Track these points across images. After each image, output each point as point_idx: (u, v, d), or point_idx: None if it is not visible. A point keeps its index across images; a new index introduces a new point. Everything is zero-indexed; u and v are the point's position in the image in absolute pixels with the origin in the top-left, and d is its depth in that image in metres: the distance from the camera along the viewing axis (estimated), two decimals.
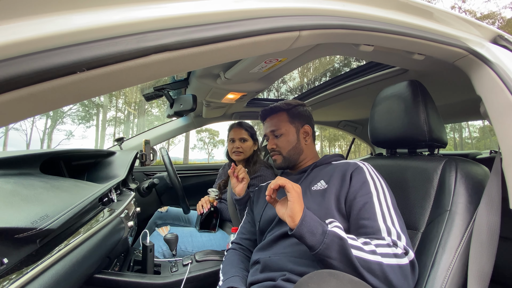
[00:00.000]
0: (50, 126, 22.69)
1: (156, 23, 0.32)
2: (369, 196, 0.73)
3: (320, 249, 0.60)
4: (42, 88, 0.26)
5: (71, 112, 22.77)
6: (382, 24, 0.62)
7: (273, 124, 0.98)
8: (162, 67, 0.34)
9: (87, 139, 24.56)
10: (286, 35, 0.46)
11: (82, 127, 24.18)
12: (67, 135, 23.37)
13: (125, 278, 0.93)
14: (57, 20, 0.27)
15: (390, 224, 0.68)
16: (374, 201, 0.72)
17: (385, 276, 0.59)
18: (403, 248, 0.63)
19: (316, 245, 0.60)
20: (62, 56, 0.26)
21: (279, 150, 0.97)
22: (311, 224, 0.62)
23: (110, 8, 0.30)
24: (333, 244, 0.60)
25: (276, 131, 0.97)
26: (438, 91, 1.26)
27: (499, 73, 0.70)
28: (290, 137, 0.96)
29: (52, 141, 22.68)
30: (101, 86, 0.30)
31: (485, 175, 0.79)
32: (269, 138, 1.00)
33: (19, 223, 0.45)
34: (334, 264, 0.60)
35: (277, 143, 0.97)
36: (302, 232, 0.61)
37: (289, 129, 0.97)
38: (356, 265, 0.58)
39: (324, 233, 0.61)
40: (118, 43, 0.29)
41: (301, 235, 0.62)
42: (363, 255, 0.60)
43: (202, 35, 0.35)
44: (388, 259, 0.61)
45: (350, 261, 0.59)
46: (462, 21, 0.76)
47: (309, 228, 0.62)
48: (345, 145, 26.58)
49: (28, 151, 0.85)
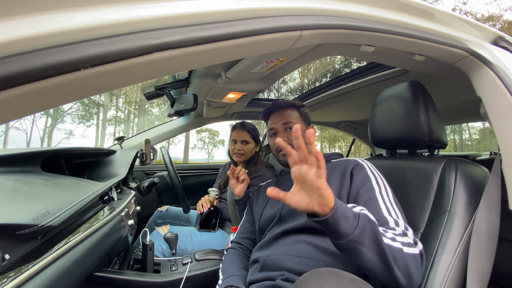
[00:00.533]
0: (50, 125, 22.72)
1: (159, 21, 0.33)
2: (372, 191, 0.72)
3: (354, 234, 0.52)
4: (46, 85, 0.27)
5: (71, 111, 22.80)
6: (383, 24, 0.62)
7: (286, 116, 0.95)
8: (164, 65, 0.34)
9: (87, 138, 24.60)
10: (288, 34, 0.47)
11: (82, 126, 24.21)
12: (67, 134, 23.40)
13: (125, 277, 0.93)
14: (61, 17, 0.27)
15: (395, 216, 0.67)
16: (377, 196, 0.71)
17: (406, 264, 0.55)
18: (413, 239, 0.61)
19: (350, 230, 0.52)
20: (66, 53, 0.27)
21: (291, 144, 0.93)
22: (343, 207, 0.54)
23: (113, 6, 0.30)
24: (366, 227, 0.53)
25: (289, 124, 0.94)
26: (438, 92, 1.26)
27: (499, 75, 0.71)
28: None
29: (52, 140, 22.70)
30: (104, 83, 0.31)
31: (485, 176, 0.79)
32: (279, 131, 0.95)
33: (21, 219, 0.45)
34: (364, 253, 0.53)
35: (289, 136, 0.92)
36: (337, 216, 0.52)
37: (301, 124, 0.95)
38: (386, 252, 0.53)
39: (357, 216, 0.54)
40: (121, 41, 0.29)
41: (335, 220, 0.52)
42: (388, 242, 0.55)
43: (204, 34, 0.36)
44: (405, 247, 0.58)
45: (381, 248, 0.53)
46: (463, 22, 0.76)
47: (343, 212, 0.53)
48: (345, 146, 26.58)
49: (30, 148, 0.85)
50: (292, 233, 0.79)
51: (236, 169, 1.11)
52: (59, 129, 23.40)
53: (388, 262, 0.53)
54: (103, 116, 24.36)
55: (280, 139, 0.57)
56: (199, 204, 1.41)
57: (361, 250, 0.53)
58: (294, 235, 0.79)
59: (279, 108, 0.98)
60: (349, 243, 0.53)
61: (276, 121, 0.97)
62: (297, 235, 0.78)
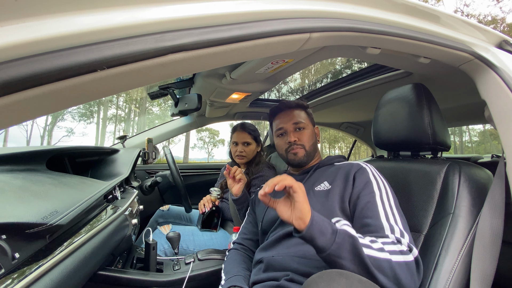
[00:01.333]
0: (51, 123, 22.71)
1: (174, 23, 0.33)
2: (372, 195, 0.74)
3: (332, 249, 0.56)
4: (64, 86, 0.27)
5: (72, 109, 22.77)
6: (390, 27, 0.63)
7: (295, 117, 0.95)
8: (178, 67, 0.34)
9: (87, 136, 24.60)
10: (297, 36, 0.47)
11: (82, 124, 24.24)
12: (67, 132, 23.40)
13: (128, 275, 0.94)
14: (79, 18, 0.27)
15: (393, 222, 0.68)
16: (377, 200, 0.72)
17: (394, 273, 0.58)
18: (407, 246, 0.63)
19: (327, 245, 0.57)
20: (84, 55, 0.27)
21: (302, 144, 0.92)
22: (320, 224, 0.58)
23: (129, 8, 0.30)
24: (344, 243, 0.57)
25: (300, 124, 0.94)
26: (442, 94, 1.26)
27: (504, 78, 0.71)
28: (311, 133, 0.95)
29: (52, 138, 22.70)
30: (120, 84, 0.31)
31: (488, 179, 0.80)
32: (288, 131, 0.94)
33: (30, 218, 0.45)
34: (345, 265, 0.57)
35: (299, 136, 0.93)
36: (312, 233, 0.57)
37: (309, 125, 0.96)
38: (368, 264, 0.56)
39: (335, 232, 0.58)
40: (137, 43, 0.30)
41: (311, 236, 0.57)
42: (373, 253, 0.58)
43: (217, 36, 0.36)
44: (395, 256, 0.60)
45: (362, 260, 0.56)
46: (468, 25, 0.76)
47: (319, 228, 0.58)
48: (345, 147, 26.60)
49: (35, 147, 0.85)
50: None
51: (232, 169, 1.11)
52: (59, 127, 23.41)
53: (371, 272, 0.56)
54: (103, 115, 24.36)
55: (263, 196, 0.64)
56: (201, 204, 1.42)
57: (341, 263, 0.57)
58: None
59: (288, 108, 0.97)
60: (328, 257, 0.57)
61: (285, 121, 0.95)
62: None
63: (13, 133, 21.65)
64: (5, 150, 0.73)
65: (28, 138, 21.51)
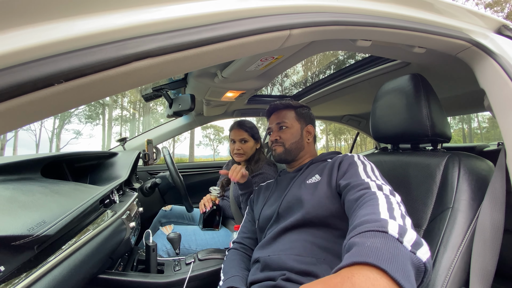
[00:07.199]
0: (58, 126, 23.12)
1: (136, 29, 0.31)
2: (354, 166, 0.77)
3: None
4: (20, 102, 0.26)
5: (78, 111, 23.13)
6: (379, 18, 0.60)
7: (280, 117, 1.01)
8: (145, 74, 0.33)
9: (94, 138, 25.00)
10: (276, 34, 0.45)
11: (89, 126, 24.66)
12: (75, 134, 23.80)
13: (129, 278, 0.95)
14: (32, 32, 0.26)
15: (374, 178, 0.69)
16: (358, 168, 0.75)
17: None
18: (390, 191, 0.62)
19: None
20: (38, 69, 0.26)
21: (282, 141, 0.99)
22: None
23: (86, 17, 0.29)
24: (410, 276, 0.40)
25: (282, 123, 1.00)
26: (441, 83, 1.22)
27: (503, 65, 0.68)
28: (294, 132, 0.99)
29: (60, 140, 23.15)
30: (82, 97, 0.30)
31: (489, 171, 0.77)
32: (273, 130, 1.02)
33: (16, 230, 0.45)
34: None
35: (281, 135, 0.99)
36: None
37: (295, 124, 1.00)
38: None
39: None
40: (96, 52, 0.29)
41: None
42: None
43: (186, 39, 0.34)
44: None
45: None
46: (464, 11, 0.73)
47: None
48: (350, 139, 26.34)
49: (29, 155, 0.86)
50: (290, 230, 0.80)
51: (231, 169, 1.14)
52: (67, 129, 23.83)
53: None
54: (108, 116, 24.66)
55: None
56: (201, 204, 1.42)
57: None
58: (293, 232, 0.79)
59: (276, 109, 1.04)
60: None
61: (272, 121, 1.04)
62: (296, 232, 0.78)
63: (22, 137, 22.13)
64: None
65: (38, 142, 21.96)
